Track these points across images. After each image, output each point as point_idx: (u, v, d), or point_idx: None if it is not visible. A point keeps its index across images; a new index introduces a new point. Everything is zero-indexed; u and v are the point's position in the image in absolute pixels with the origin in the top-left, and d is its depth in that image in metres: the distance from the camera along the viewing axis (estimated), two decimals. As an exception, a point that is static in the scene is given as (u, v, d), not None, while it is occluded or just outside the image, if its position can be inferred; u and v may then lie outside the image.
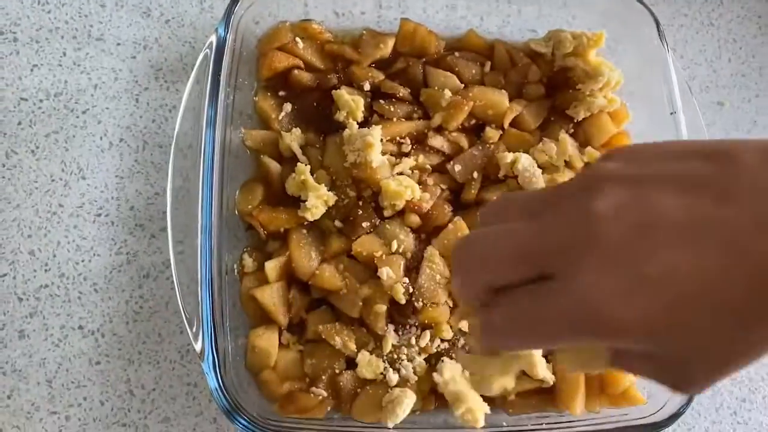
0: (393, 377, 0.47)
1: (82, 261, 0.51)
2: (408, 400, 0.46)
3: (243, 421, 0.44)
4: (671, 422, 0.47)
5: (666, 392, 0.48)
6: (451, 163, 0.52)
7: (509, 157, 0.52)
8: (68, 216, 0.52)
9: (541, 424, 0.49)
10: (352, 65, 0.54)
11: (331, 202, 0.50)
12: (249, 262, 0.50)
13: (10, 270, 0.51)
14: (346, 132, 0.51)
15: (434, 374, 0.47)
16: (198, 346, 0.45)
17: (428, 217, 0.50)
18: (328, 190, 0.50)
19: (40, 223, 0.52)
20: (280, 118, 0.53)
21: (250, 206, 0.51)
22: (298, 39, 0.54)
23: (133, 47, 0.56)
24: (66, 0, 0.56)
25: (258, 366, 0.48)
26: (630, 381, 0.50)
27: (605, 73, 0.54)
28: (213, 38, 0.49)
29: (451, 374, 0.46)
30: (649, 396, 0.49)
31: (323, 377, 0.47)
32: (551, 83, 0.57)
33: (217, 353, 0.44)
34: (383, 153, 0.51)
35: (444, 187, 0.52)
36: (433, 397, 0.48)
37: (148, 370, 0.50)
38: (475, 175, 0.52)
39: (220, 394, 0.44)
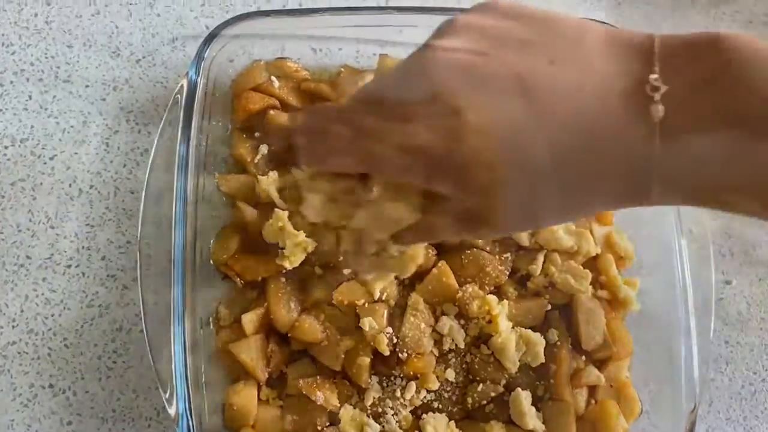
0: (377, 432, 0.45)
1: (52, 315, 0.49)
2: (394, 456, 0.44)
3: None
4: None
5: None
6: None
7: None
8: (36, 268, 0.50)
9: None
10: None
11: (311, 249, 0.48)
12: (225, 314, 0.48)
13: (-25, 327, 0.48)
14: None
15: (420, 427, 0.45)
16: (172, 411, 0.43)
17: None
18: (307, 236, 0.48)
19: (7, 277, 0.50)
20: (256, 161, 0.51)
21: (225, 255, 0.49)
22: (273, 78, 0.52)
23: (103, 89, 0.54)
24: (31, 41, 0.54)
25: (237, 424, 0.46)
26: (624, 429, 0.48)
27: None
28: (184, 81, 0.47)
29: (436, 429, 0.45)
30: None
31: (305, 434, 0.46)
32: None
33: (191, 416, 0.42)
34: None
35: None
36: (419, 451, 0.47)
37: (122, 429, 0.48)
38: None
39: (197, 459, 0.42)
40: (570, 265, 0.50)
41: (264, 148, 0.51)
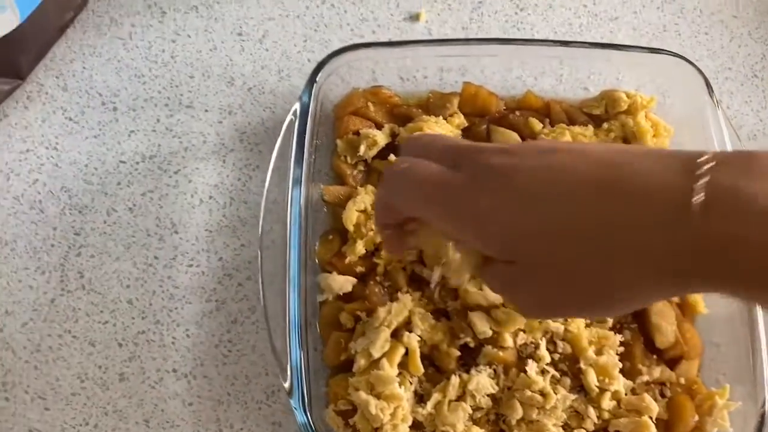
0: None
1: (176, 308, 0.56)
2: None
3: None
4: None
5: None
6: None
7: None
8: (162, 267, 0.57)
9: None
10: (420, 125, 0.59)
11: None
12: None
13: (111, 318, 0.55)
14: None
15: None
16: (287, 384, 0.48)
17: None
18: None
19: (138, 275, 0.57)
20: (354, 174, 0.58)
21: (329, 255, 0.55)
22: (369, 103, 0.59)
23: (219, 113, 0.62)
24: (159, 72, 0.63)
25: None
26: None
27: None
28: (297, 105, 0.54)
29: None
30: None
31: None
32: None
33: (304, 390, 0.47)
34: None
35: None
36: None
37: (236, 410, 0.54)
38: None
39: (308, 428, 0.47)
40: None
41: (361, 164, 0.58)
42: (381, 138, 0.57)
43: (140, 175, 0.59)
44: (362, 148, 0.57)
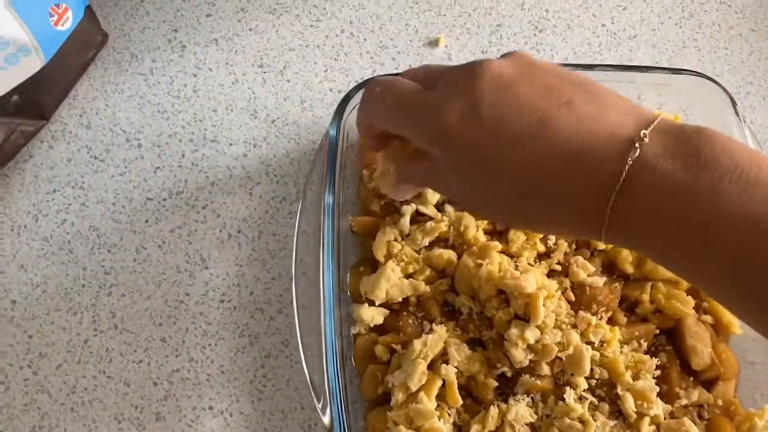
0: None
1: (209, 345, 0.56)
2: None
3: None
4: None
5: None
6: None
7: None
8: (194, 304, 0.57)
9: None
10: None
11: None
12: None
13: (144, 356, 0.55)
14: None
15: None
16: (326, 419, 0.48)
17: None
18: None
19: (170, 312, 0.57)
20: (381, 204, 0.58)
21: (359, 285, 0.55)
22: (395, 132, 0.59)
23: (244, 146, 0.62)
24: (182, 108, 0.63)
25: (377, 436, 0.51)
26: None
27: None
28: (325, 139, 0.55)
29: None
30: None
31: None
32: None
33: (344, 424, 0.47)
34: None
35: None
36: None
37: (273, 446, 0.54)
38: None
39: (352, 464, 0.47)
40: (674, 292, 0.55)
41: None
42: None
43: (168, 211, 0.60)
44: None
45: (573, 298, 0.54)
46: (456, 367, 0.51)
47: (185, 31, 0.66)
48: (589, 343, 0.52)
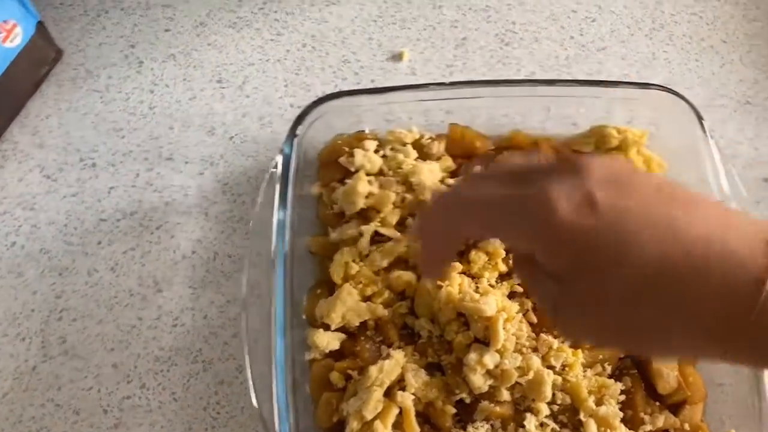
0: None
1: (161, 371, 0.54)
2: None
3: None
4: None
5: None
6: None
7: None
8: (146, 328, 0.55)
9: None
10: (406, 169, 0.57)
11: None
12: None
13: (95, 383, 0.54)
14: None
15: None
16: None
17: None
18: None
19: (122, 337, 0.55)
20: (341, 223, 0.56)
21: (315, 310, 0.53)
22: (355, 150, 0.57)
23: (201, 164, 0.60)
24: (138, 125, 0.61)
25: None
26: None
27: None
28: (279, 158, 0.53)
29: None
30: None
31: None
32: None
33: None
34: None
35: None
36: None
37: (227, 476, 0.52)
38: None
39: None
40: (640, 313, 0.53)
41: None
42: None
43: (121, 233, 0.58)
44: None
45: (535, 320, 0.52)
46: (413, 394, 0.49)
47: (142, 47, 0.64)
48: (551, 367, 0.51)
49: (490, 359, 0.49)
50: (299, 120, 0.54)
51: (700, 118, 0.55)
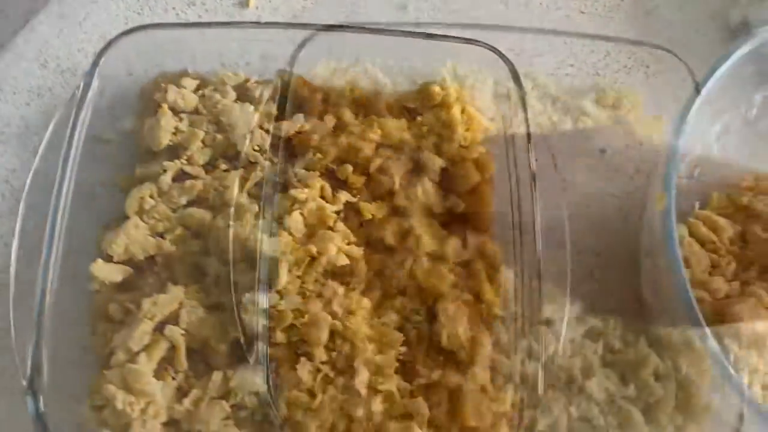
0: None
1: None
2: None
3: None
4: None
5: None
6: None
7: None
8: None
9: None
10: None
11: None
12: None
13: None
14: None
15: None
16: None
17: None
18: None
19: None
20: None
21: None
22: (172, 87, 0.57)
23: (28, 95, 0.60)
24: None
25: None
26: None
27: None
28: (81, 83, 0.52)
29: None
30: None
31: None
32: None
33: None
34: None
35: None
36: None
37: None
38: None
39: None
40: (436, 268, 0.52)
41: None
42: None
43: (-65, 158, 0.57)
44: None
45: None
46: (186, 330, 0.49)
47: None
48: (333, 313, 0.50)
49: (264, 299, 0.48)
50: (106, 48, 0.53)
51: (516, 77, 0.54)
